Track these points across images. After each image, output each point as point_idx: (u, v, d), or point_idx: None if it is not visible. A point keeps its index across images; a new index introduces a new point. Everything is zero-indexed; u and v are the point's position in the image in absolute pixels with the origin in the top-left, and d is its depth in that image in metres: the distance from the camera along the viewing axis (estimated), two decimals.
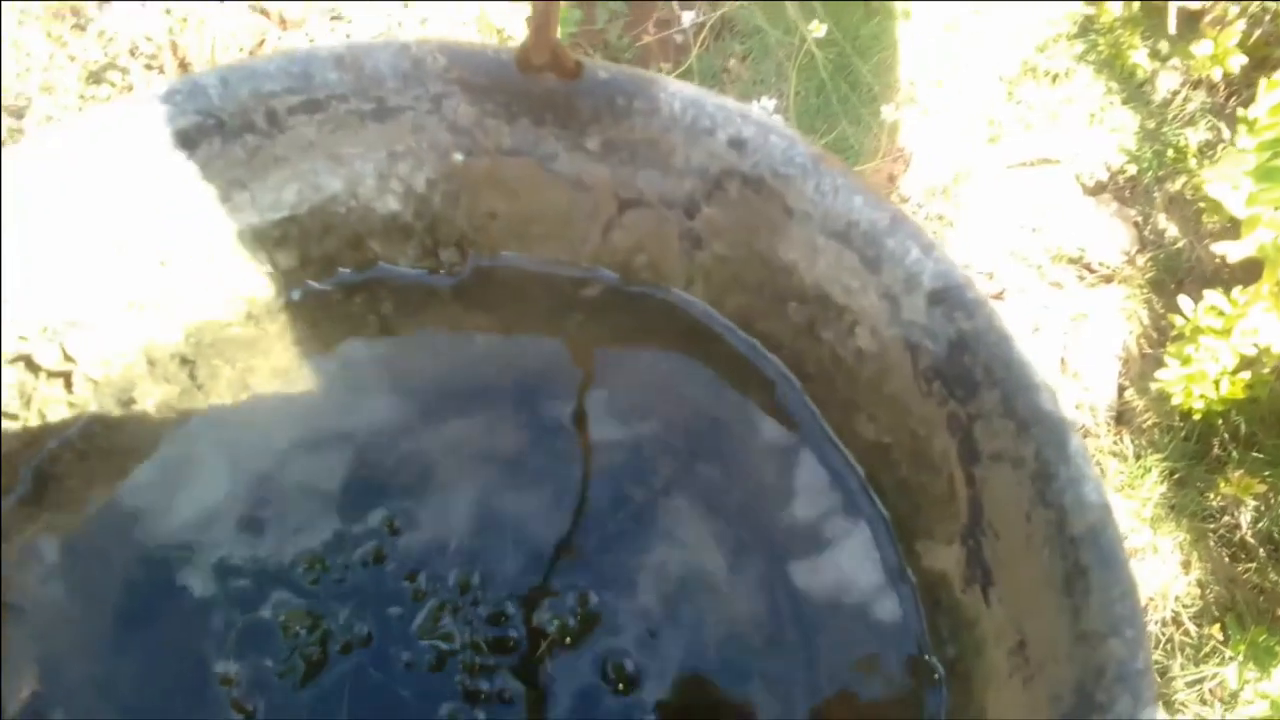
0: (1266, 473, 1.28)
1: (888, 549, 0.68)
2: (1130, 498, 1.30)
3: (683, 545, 0.71)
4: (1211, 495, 1.31)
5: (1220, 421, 1.33)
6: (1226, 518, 1.30)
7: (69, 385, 0.70)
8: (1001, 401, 0.58)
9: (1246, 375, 1.22)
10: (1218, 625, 1.23)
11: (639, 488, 0.72)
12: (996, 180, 1.48)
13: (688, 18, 1.47)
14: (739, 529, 0.71)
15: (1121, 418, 1.37)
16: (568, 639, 0.68)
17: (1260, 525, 1.29)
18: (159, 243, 0.66)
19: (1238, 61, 1.44)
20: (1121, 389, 1.38)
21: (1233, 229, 1.35)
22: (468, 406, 0.74)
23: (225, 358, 0.72)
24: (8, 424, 0.68)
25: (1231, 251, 1.22)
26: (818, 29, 1.41)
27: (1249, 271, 1.39)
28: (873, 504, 0.69)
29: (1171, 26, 1.54)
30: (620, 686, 0.68)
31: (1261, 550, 1.28)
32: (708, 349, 0.71)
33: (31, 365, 0.68)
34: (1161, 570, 1.29)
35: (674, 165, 0.62)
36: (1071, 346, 1.40)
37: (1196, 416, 1.28)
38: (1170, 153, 1.51)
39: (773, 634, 0.69)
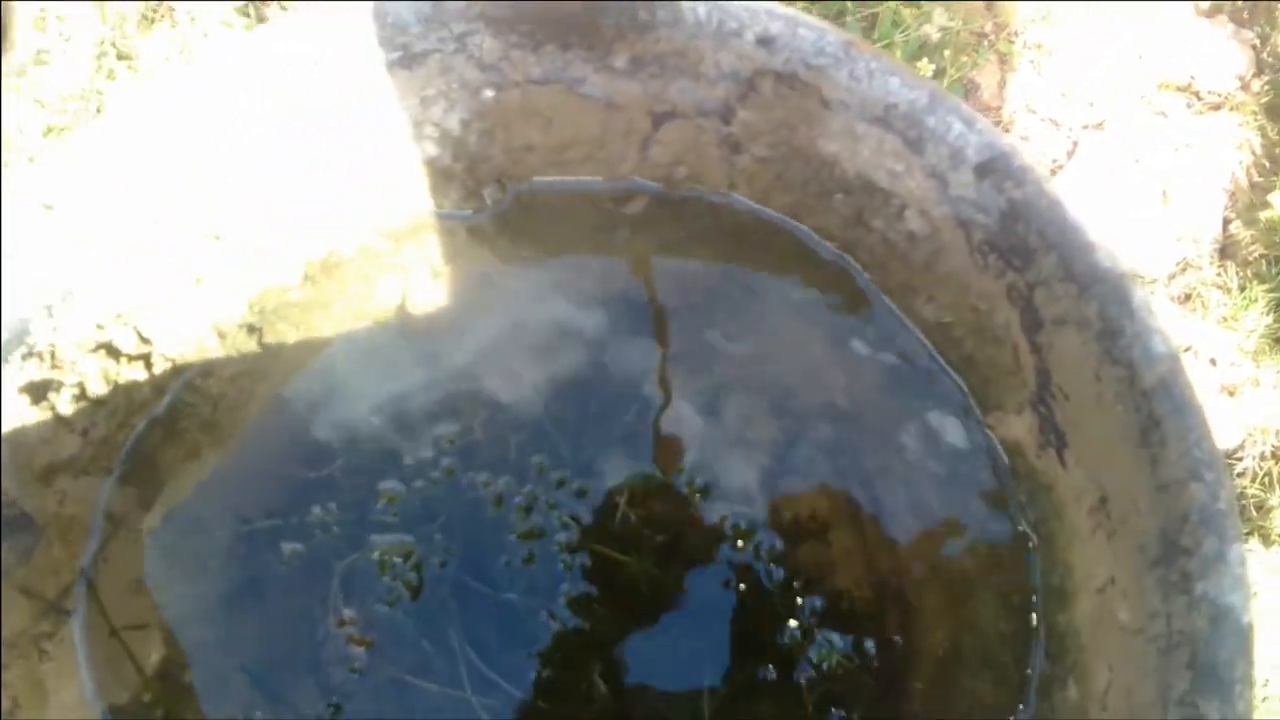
0: None
1: (965, 422, 0.73)
2: (1232, 330, 1.30)
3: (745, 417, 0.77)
4: None
5: None
6: None
7: (149, 366, 0.76)
8: (1059, 265, 0.61)
9: None
10: None
11: (705, 382, 0.78)
12: (1102, 5, 1.42)
13: None
14: (798, 413, 0.76)
15: (1225, 251, 1.36)
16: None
17: None
18: (216, 216, 0.72)
19: None
20: (1227, 221, 1.37)
21: None
22: (521, 331, 0.79)
23: (289, 321, 0.78)
24: (99, 409, 0.74)
25: None
26: None
27: None
28: (949, 378, 0.73)
29: None
30: (699, 496, 0.75)
31: None
32: (763, 244, 0.75)
33: (112, 351, 0.74)
34: (1263, 404, 1.30)
35: (705, 72, 0.65)
36: (1174, 178, 1.39)
37: None
38: None
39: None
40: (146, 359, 0.74)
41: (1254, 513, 1.24)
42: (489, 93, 0.68)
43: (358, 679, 0.72)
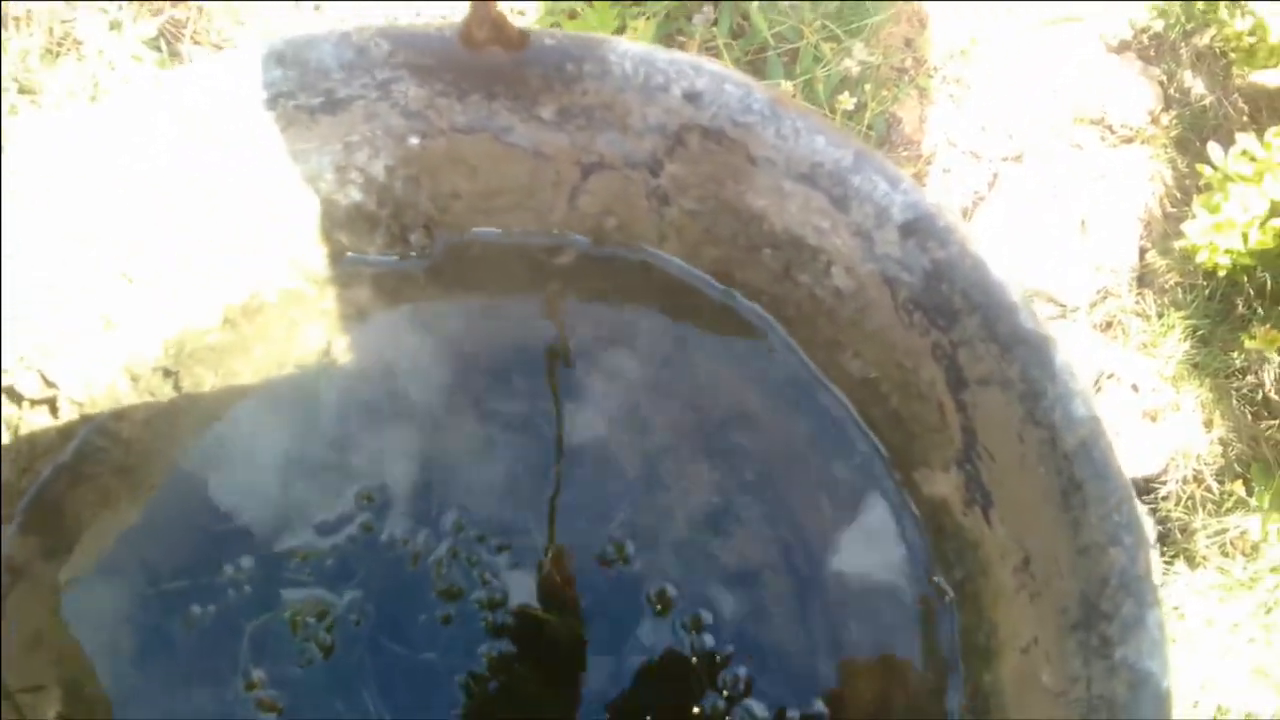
0: None
1: (885, 480, 0.74)
2: (1152, 356, 1.35)
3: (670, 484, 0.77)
4: (1235, 353, 1.35)
5: (1245, 278, 1.36)
6: (1250, 376, 1.35)
7: (54, 411, 0.74)
8: (983, 325, 0.62)
9: (1278, 223, 1.25)
10: (1240, 481, 1.28)
11: (625, 446, 0.78)
12: (1016, 42, 1.49)
13: None
14: (737, 477, 0.77)
15: (1143, 279, 1.41)
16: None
17: None
18: (125, 256, 0.70)
19: None
20: (1143, 250, 1.42)
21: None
22: (448, 381, 0.79)
23: (207, 365, 0.77)
24: None
25: (1272, 79, 1.25)
26: None
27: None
28: (866, 438, 0.74)
29: None
30: (622, 561, 0.74)
31: None
32: (686, 302, 0.76)
33: (14, 395, 0.73)
34: (1183, 428, 1.34)
35: (632, 125, 0.65)
36: (1091, 209, 1.44)
37: (1221, 273, 1.32)
38: (1199, 4, 1.50)
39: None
40: (52, 404, 0.72)
41: (1178, 536, 1.27)
42: (414, 140, 0.68)
43: None
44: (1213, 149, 1.32)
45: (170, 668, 0.73)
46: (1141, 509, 1.25)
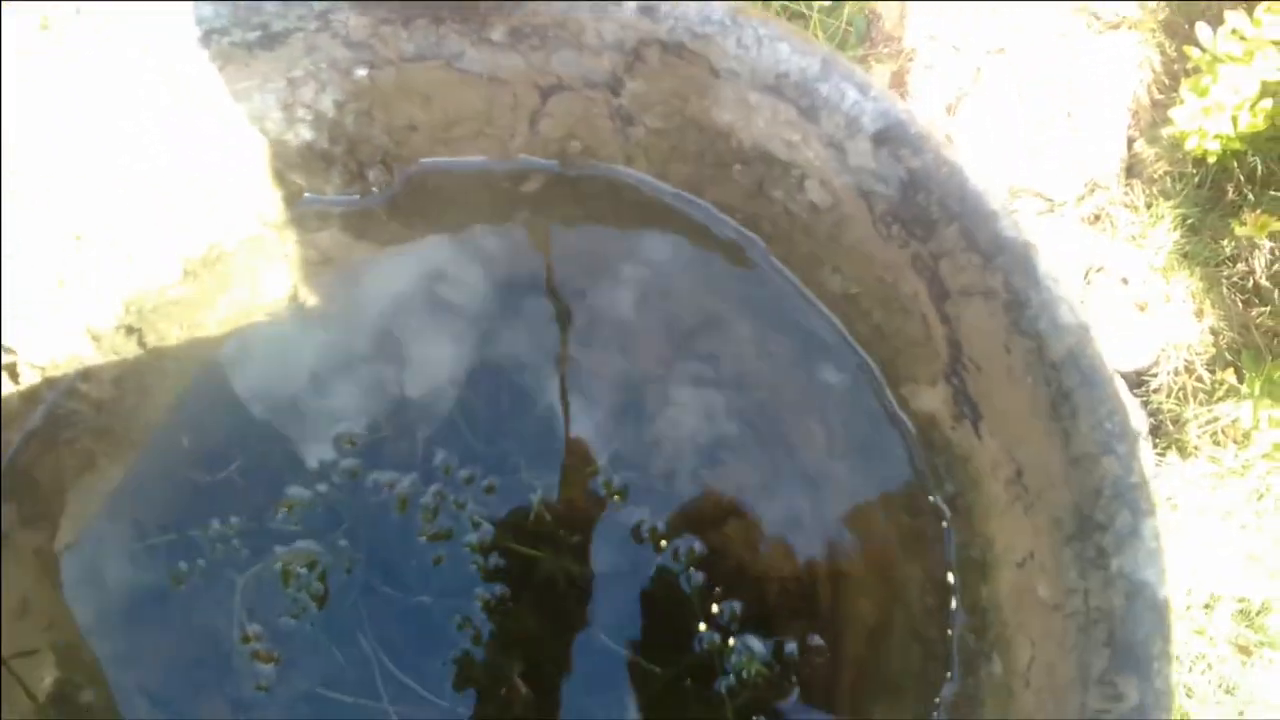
0: None
1: (876, 394, 0.72)
2: (1141, 248, 1.32)
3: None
4: (1225, 241, 1.32)
5: (1235, 163, 1.32)
6: (1240, 264, 1.32)
7: (15, 377, 0.72)
8: (962, 235, 0.60)
9: (1268, 104, 1.21)
10: (1231, 369, 1.26)
11: (615, 364, 0.76)
12: None
13: None
14: (734, 397, 0.75)
15: (1132, 170, 1.37)
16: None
17: (1276, 268, 1.31)
18: (72, 214, 0.68)
19: None
20: (1131, 141, 1.38)
21: None
22: (421, 318, 0.77)
23: (172, 320, 0.74)
24: None
25: None
26: None
27: None
28: (855, 352, 0.72)
29: None
30: (617, 497, 0.73)
31: (1276, 293, 1.31)
32: (664, 221, 0.73)
33: None
34: (1174, 319, 1.32)
35: (588, 43, 0.62)
36: (1077, 99, 1.39)
37: (1211, 160, 1.28)
38: None
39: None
40: (11, 370, 0.70)
41: (1170, 427, 1.26)
42: (361, 71, 0.65)
43: (265, 695, 0.70)
44: (1201, 30, 1.27)
45: (165, 626, 0.72)
46: (1134, 402, 1.24)
